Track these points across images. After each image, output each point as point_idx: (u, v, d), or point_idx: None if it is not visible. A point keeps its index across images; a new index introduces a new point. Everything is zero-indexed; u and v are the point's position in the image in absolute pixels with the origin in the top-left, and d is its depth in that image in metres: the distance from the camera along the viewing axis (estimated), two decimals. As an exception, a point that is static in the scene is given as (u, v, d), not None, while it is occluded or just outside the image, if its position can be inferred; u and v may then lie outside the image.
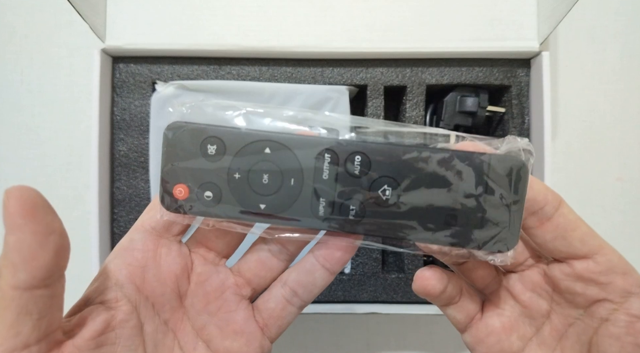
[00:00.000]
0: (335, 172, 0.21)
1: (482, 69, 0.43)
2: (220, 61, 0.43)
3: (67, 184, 0.49)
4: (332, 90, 0.43)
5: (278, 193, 0.21)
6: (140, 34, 0.41)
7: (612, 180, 0.50)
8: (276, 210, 0.21)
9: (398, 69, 0.43)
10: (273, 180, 0.21)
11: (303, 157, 0.21)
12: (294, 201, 0.21)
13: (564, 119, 0.50)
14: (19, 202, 0.17)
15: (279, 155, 0.21)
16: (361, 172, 0.21)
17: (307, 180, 0.21)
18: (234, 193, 0.21)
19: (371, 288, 0.43)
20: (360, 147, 0.21)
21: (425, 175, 0.21)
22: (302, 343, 0.50)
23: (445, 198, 0.21)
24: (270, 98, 0.42)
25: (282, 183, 0.21)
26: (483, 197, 0.20)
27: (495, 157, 0.20)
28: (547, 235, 0.22)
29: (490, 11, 0.42)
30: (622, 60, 0.50)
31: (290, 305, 0.24)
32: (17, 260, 0.17)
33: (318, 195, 0.21)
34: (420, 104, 0.43)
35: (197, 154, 0.21)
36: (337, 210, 0.21)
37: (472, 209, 0.21)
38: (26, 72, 0.50)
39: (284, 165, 0.21)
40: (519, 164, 0.20)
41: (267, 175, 0.21)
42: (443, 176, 0.21)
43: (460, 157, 0.20)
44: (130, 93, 0.43)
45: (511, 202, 0.21)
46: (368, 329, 0.50)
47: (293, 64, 0.43)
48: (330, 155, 0.21)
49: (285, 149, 0.21)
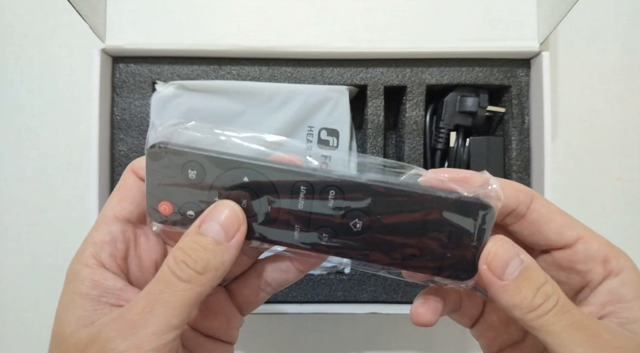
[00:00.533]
0: (310, 203, 0.22)
1: (482, 69, 0.43)
2: (220, 61, 0.43)
3: (67, 184, 0.49)
4: (332, 90, 0.43)
5: (254, 218, 0.22)
6: (140, 34, 0.41)
7: (612, 180, 0.50)
8: (253, 232, 0.22)
9: (398, 69, 0.43)
10: (250, 206, 0.22)
11: (280, 187, 0.22)
12: (270, 225, 0.22)
13: (564, 118, 0.50)
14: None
15: (257, 183, 0.22)
16: (335, 205, 0.22)
17: (283, 208, 0.22)
18: None
19: (371, 288, 0.43)
20: (335, 181, 0.22)
21: (394, 211, 0.22)
22: (303, 343, 0.50)
23: (411, 233, 0.22)
24: (270, 98, 0.42)
25: (260, 209, 0.22)
26: (446, 235, 0.22)
27: (463, 199, 0.21)
28: (524, 231, 0.23)
29: (490, 11, 0.42)
30: (622, 60, 0.50)
31: (264, 293, 0.26)
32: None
33: (292, 223, 0.22)
34: (420, 104, 0.43)
35: (179, 176, 0.22)
36: (310, 238, 0.22)
37: (435, 245, 0.22)
38: (26, 72, 0.50)
39: (261, 192, 0.22)
40: (486, 209, 0.21)
41: (245, 200, 0.22)
42: (410, 213, 0.22)
43: (428, 197, 0.21)
44: (130, 93, 0.43)
45: (473, 242, 0.21)
46: (368, 329, 0.50)
47: (293, 64, 0.43)
48: (306, 187, 0.22)
49: (264, 177, 0.22)
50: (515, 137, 0.43)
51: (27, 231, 0.49)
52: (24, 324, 0.49)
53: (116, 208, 0.23)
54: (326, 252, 0.23)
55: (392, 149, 0.48)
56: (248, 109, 0.43)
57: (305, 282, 0.43)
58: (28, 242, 0.49)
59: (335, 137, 0.43)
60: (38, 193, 0.49)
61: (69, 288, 0.22)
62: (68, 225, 0.49)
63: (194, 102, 0.42)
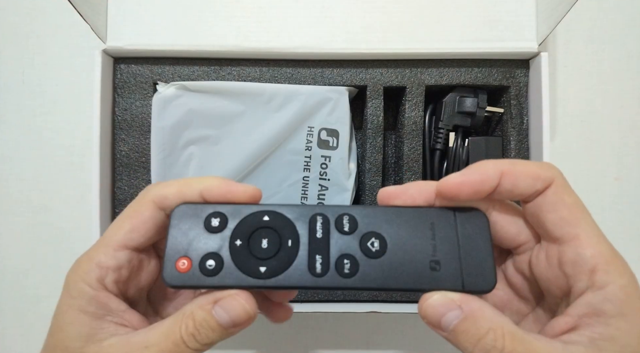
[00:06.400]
0: (327, 231, 0.23)
1: (481, 69, 0.43)
2: (221, 62, 0.43)
3: (68, 184, 0.50)
4: (332, 90, 0.43)
5: (277, 256, 0.23)
6: (142, 35, 0.42)
7: (610, 180, 0.50)
8: (275, 272, 0.23)
9: (397, 70, 0.43)
10: (272, 244, 0.23)
11: (298, 220, 0.24)
12: (292, 261, 0.23)
13: (563, 119, 0.50)
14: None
15: (276, 221, 0.24)
16: (350, 229, 0.23)
17: (302, 240, 0.23)
18: (235, 260, 0.23)
19: (371, 287, 0.43)
20: (347, 210, 0.24)
21: (406, 228, 0.23)
22: (302, 342, 0.50)
23: (425, 246, 0.23)
24: (271, 99, 0.43)
25: (281, 246, 0.23)
26: (456, 244, 0.23)
27: (459, 211, 0.23)
28: (527, 213, 0.23)
29: (489, 12, 0.42)
30: (620, 60, 0.50)
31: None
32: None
33: (314, 252, 0.23)
34: (420, 104, 0.43)
35: (201, 227, 0.23)
36: (332, 265, 0.23)
37: (449, 255, 0.23)
38: (27, 73, 0.50)
39: (281, 229, 0.23)
40: (479, 215, 0.23)
41: (266, 240, 0.23)
42: (421, 228, 0.23)
43: (432, 212, 0.24)
44: (131, 93, 0.43)
45: (481, 246, 0.23)
46: (368, 328, 0.50)
47: (293, 65, 0.43)
48: (322, 217, 0.24)
49: (282, 216, 0.24)
50: (514, 137, 0.43)
51: (28, 231, 0.49)
52: (24, 324, 0.49)
53: (127, 237, 0.23)
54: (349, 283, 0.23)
55: (391, 149, 0.48)
56: (248, 110, 0.43)
57: (305, 281, 0.43)
58: (29, 242, 0.50)
59: (335, 138, 0.44)
60: (39, 193, 0.50)
61: (73, 303, 0.22)
62: (69, 225, 0.49)
63: (195, 102, 0.42)
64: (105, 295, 0.23)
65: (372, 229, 0.23)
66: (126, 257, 0.23)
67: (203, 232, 0.23)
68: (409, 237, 0.23)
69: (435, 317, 0.21)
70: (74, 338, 0.22)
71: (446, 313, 0.21)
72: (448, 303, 0.21)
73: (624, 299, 0.19)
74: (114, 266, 0.23)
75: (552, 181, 0.21)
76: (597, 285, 0.20)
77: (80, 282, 0.23)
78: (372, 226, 0.23)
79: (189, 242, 0.23)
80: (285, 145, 0.43)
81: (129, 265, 0.24)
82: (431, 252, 0.23)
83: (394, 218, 0.24)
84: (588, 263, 0.20)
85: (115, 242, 0.23)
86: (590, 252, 0.20)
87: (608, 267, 0.20)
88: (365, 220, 0.24)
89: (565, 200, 0.21)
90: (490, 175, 0.22)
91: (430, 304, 0.22)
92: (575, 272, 0.20)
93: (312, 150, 0.44)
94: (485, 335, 0.20)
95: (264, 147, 0.43)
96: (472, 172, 0.22)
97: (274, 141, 0.43)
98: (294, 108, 0.43)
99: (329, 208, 0.24)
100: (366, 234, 0.23)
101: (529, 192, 0.22)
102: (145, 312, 0.26)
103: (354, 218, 0.24)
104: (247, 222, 0.23)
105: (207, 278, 0.23)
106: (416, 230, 0.23)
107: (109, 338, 0.22)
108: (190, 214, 0.23)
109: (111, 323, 0.23)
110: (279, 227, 0.23)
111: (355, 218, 0.24)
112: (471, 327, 0.21)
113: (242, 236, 0.23)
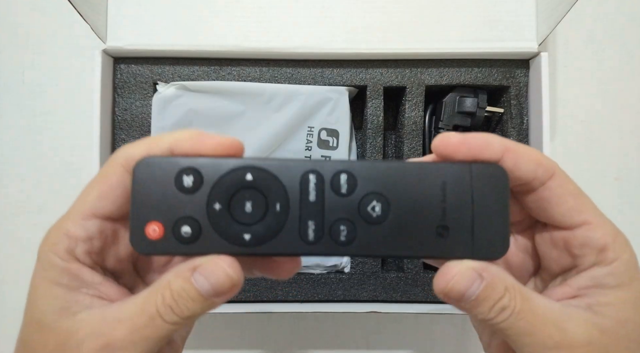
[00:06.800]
0: (322, 193, 0.20)
1: (481, 69, 0.43)
2: (221, 62, 0.43)
3: (68, 185, 0.49)
4: (332, 90, 0.43)
5: (263, 221, 0.20)
6: (142, 35, 0.42)
7: (610, 180, 0.50)
8: (262, 240, 0.20)
9: (397, 70, 0.43)
10: (257, 208, 0.20)
11: (287, 180, 0.20)
12: (281, 228, 0.20)
13: (563, 119, 0.50)
14: None
15: (261, 181, 0.20)
16: (348, 190, 0.20)
17: (293, 203, 0.20)
18: (215, 226, 0.20)
19: (371, 287, 0.43)
20: (344, 165, 0.21)
21: (412, 188, 0.21)
22: (302, 342, 0.50)
23: (434, 210, 0.21)
24: (271, 99, 0.43)
25: (267, 210, 0.20)
26: (469, 206, 0.21)
27: (477, 166, 0.21)
28: (530, 203, 0.22)
29: (489, 12, 0.42)
30: (620, 60, 0.50)
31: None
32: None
33: (306, 218, 0.20)
34: (420, 104, 0.43)
35: (172, 187, 0.20)
36: (327, 233, 0.20)
37: (460, 219, 0.21)
38: (27, 73, 0.50)
39: (267, 190, 0.20)
40: (500, 171, 0.21)
41: (250, 203, 0.20)
42: (429, 188, 0.21)
43: (443, 168, 0.21)
44: (131, 93, 0.43)
45: (497, 209, 0.21)
46: (368, 328, 0.50)
47: (293, 65, 0.43)
48: (316, 176, 0.20)
49: (268, 174, 0.20)
50: (514, 137, 0.43)
51: (28, 231, 0.49)
52: (25, 323, 0.49)
53: (95, 205, 0.21)
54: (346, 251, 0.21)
55: (391, 149, 0.48)
56: (248, 110, 0.43)
57: (305, 281, 0.43)
58: (29, 242, 0.49)
59: (335, 138, 0.44)
60: (39, 193, 0.50)
61: (45, 276, 0.21)
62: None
63: (195, 102, 0.42)
64: (77, 266, 0.21)
65: (373, 190, 0.20)
66: (96, 226, 0.21)
67: (174, 191, 0.20)
68: (416, 199, 0.20)
69: (459, 293, 0.20)
70: (47, 312, 0.21)
71: (470, 286, 0.20)
72: (472, 277, 0.20)
73: (623, 272, 0.21)
74: (84, 236, 0.21)
75: (554, 171, 0.21)
76: (605, 262, 0.21)
77: (50, 253, 0.21)
78: (373, 186, 0.20)
79: (158, 203, 0.20)
80: (285, 145, 0.43)
81: (101, 236, 0.22)
82: (440, 216, 0.20)
83: (400, 176, 0.20)
84: (598, 244, 0.21)
85: (83, 211, 0.21)
86: (600, 234, 0.21)
87: (615, 245, 0.21)
88: (366, 179, 0.20)
89: (570, 190, 0.21)
90: (494, 146, 0.21)
91: (457, 281, 0.20)
92: (584, 252, 0.21)
93: (312, 150, 0.44)
94: (502, 297, 0.20)
95: (264, 147, 0.43)
96: (475, 136, 0.21)
97: (274, 141, 0.43)
98: (294, 108, 0.43)
99: (324, 164, 0.21)
100: (366, 196, 0.20)
101: (528, 177, 0.21)
102: (133, 285, 0.24)
103: (352, 176, 0.20)
104: (227, 182, 0.20)
105: (183, 246, 0.20)
106: (425, 191, 0.20)
107: (83, 311, 0.21)
108: (158, 170, 0.20)
109: (86, 296, 0.21)
110: (264, 188, 0.20)
111: (354, 177, 0.20)
112: (491, 292, 0.20)
113: (222, 199, 0.20)
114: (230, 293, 0.20)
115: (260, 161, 0.21)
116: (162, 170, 0.20)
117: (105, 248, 0.22)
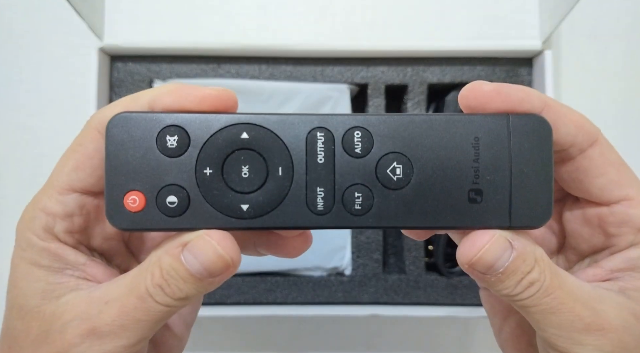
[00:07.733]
0: (332, 154, 0.17)
1: (484, 67, 0.43)
2: (219, 60, 0.43)
3: (64, 184, 0.49)
4: (333, 89, 0.42)
5: (263, 189, 0.17)
6: (139, 33, 0.41)
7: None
8: (262, 211, 0.17)
9: (399, 68, 0.43)
10: (255, 173, 0.17)
11: (290, 139, 0.17)
12: (284, 196, 0.17)
13: (567, 118, 0.50)
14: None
15: (259, 140, 0.17)
16: (363, 150, 0.17)
17: (298, 167, 0.17)
18: (205, 195, 0.17)
19: (372, 289, 0.43)
20: (358, 121, 0.17)
21: (438, 146, 0.17)
22: (303, 345, 0.50)
23: (465, 171, 0.17)
24: (270, 97, 0.42)
25: (267, 175, 0.17)
26: (507, 164, 0.17)
27: (515, 117, 0.18)
28: (564, 174, 0.20)
29: (492, 9, 0.42)
30: (625, 58, 0.50)
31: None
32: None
33: (314, 184, 0.17)
34: (422, 103, 0.43)
35: (153, 149, 0.17)
36: (339, 201, 0.17)
37: (496, 180, 0.17)
38: (24, 71, 0.49)
39: (267, 151, 0.17)
40: (542, 123, 0.18)
41: (247, 167, 0.17)
42: (459, 145, 0.17)
43: (475, 121, 0.17)
44: (128, 92, 0.43)
45: (539, 169, 0.17)
46: (369, 331, 0.50)
47: (293, 63, 0.43)
48: (324, 133, 0.17)
49: (267, 132, 0.17)
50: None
51: (24, 232, 0.49)
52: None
53: (71, 177, 0.19)
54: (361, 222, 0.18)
55: (393, 149, 0.47)
56: (247, 108, 0.42)
57: (305, 283, 0.42)
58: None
59: (336, 137, 0.43)
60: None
61: (24, 256, 0.19)
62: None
63: (193, 101, 0.42)
64: (58, 246, 0.19)
65: (393, 149, 0.17)
66: (75, 201, 0.19)
67: (157, 154, 0.17)
68: (443, 158, 0.17)
69: (487, 264, 0.18)
70: (30, 296, 0.19)
71: (500, 257, 0.18)
72: (504, 247, 0.18)
73: None
74: (62, 213, 0.19)
75: (596, 138, 0.19)
76: None
77: (27, 232, 0.19)
78: (392, 144, 0.17)
79: (138, 169, 0.17)
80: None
81: (82, 212, 0.20)
82: (472, 178, 0.17)
83: (424, 132, 0.17)
84: (638, 222, 0.19)
85: (59, 184, 0.19)
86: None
87: None
88: (384, 137, 0.17)
89: (613, 160, 0.19)
90: (533, 99, 0.18)
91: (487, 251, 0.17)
92: (621, 231, 0.19)
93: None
94: (532, 270, 0.18)
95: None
96: (512, 86, 0.18)
97: (273, 140, 0.42)
98: (294, 106, 0.42)
99: (334, 119, 0.17)
100: (385, 156, 0.17)
101: (566, 142, 0.19)
102: (127, 267, 0.22)
103: (368, 133, 0.17)
104: (218, 142, 0.17)
105: (169, 219, 0.17)
106: (454, 149, 0.17)
107: (67, 293, 0.19)
108: (135, 128, 0.17)
109: (71, 278, 0.19)
110: (263, 149, 0.17)
111: (370, 134, 0.17)
112: (521, 264, 0.18)
113: (213, 162, 0.17)
114: (227, 274, 0.18)
115: (258, 117, 0.17)
116: (140, 129, 0.17)
117: (90, 226, 0.20)
